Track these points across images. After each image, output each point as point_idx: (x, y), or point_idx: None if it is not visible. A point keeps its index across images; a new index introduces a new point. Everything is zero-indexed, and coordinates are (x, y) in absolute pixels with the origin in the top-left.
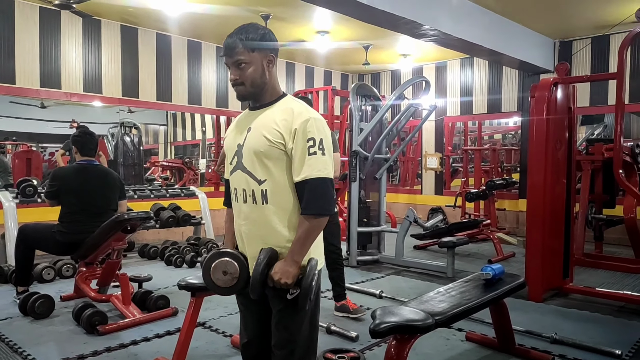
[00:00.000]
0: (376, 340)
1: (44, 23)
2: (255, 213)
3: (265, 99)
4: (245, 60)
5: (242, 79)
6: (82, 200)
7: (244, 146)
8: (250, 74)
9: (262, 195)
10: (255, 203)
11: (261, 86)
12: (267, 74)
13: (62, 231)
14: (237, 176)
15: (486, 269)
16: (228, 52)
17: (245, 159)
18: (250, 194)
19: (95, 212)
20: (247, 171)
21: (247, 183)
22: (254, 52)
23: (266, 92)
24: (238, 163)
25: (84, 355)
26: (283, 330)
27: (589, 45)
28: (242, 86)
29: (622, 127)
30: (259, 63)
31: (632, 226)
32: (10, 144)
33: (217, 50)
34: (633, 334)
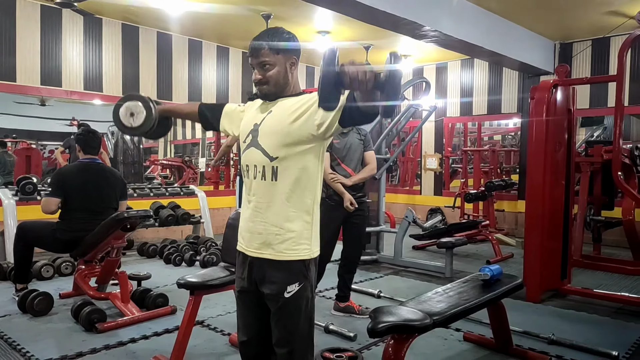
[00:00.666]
0: (374, 340)
1: (45, 21)
2: (264, 189)
3: (286, 94)
4: (269, 61)
5: (266, 79)
6: (83, 199)
7: (261, 125)
8: (274, 75)
9: (272, 172)
10: (264, 179)
11: (283, 86)
12: (289, 75)
13: (62, 229)
14: (250, 153)
15: (484, 269)
16: (254, 53)
17: (261, 136)
18: (260, 169)
19: (96, 211)
20: (261, 147)
21: (259, 159)
22: (279, 55)
23: (287, 92)
24: (253, 140)
25: (83, 352)
26: (283, 329)
27: (589, 47)
28: (266, 85)
29: (621, 129)
30: (282, 65)
31: (631, 228)
32: (10, 142)
33: (218, 49)
34: (630, 336)
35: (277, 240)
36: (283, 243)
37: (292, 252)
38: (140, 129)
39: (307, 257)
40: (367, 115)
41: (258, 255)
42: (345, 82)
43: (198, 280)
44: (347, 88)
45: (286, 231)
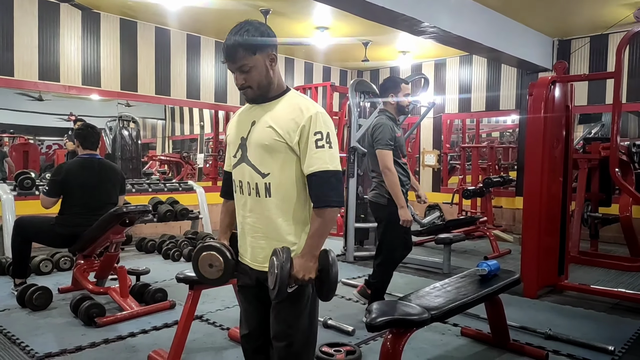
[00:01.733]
0: (372, 334)
1: (43, 16)
2: (259, 206)
3: (271, 95)
4: (248, 64)
5: (249, 83)
6: (83, 194)
7: (247, 139)
8: (256, 77)
9: (266, 189)
10: (258, 196)
11: (267, 86)
12: (271, 72)
13: (62, 223)
14: (241, 169)
15: (482, 265)
16: (230, 59)
17: (249, 152)
18: (254, 187)
19: (96, 206)
20: (251, 164)
21: (250, 176)
22: (256, 55)
23: (272, 90)
24: (242, 156)
25: (82, 346)
26: (282, 323)
27: (588, 44)
28: (250, 89)
29: (619, 126)
30: (262, 64)
31: (628, 225)
32: (8, 137)
33: (216, 44)
34: (626, 331)
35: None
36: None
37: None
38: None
39: None
40: None
41: (260, 269)
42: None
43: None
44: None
45: (288, 243)
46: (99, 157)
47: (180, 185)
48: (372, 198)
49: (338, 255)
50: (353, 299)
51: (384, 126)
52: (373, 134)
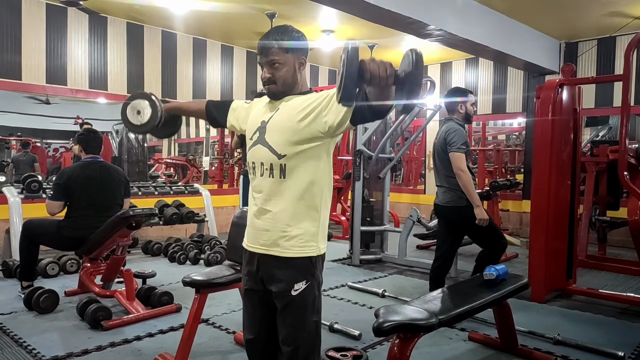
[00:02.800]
0: (379, 339)
1: (50, 20)
2: (271, 187)
3: (294, 93)
4: (279, 60)
5: (275, 78)
6: (89, 196)
7: (268, 123)
8: (283, 74)
9: (281, 170)
10: (272, 177)
11: (291, 86)
12: (298, 74)
13: (68, 226)
14: (257, 150)
15: (490, 269)
16: (263, 52)
17: (269, 134)
18: (268, 167)
19: (102, 207)
20: (268, 145)
21: (266, 157)
22: (288, 54)
23: (295, 91)
24: (259, 138)
25: (88, 350)
26: (290, 327)
27: (595, 47)
28: (274, 85)
29: (627, 129)
30: (291, 64)
31: (636, 228)
32: (15, 140)
33: (222, 48)
34: (636, 336)
35: (284, 238)
36: (290, 241)
37: (299, 250)
38: (147, 125)
39: (314, 254)
40: (379, 113)
41: (264, 252)
42: (365, 78)
43: (203, 279)
44: (368, 84)
45: (293, 228)
46: (101, 160)
47: (186, 188)
48: (450, 203)
49: (344, 259)
50: (360, 302)
51: (458, 130)
52: (447, 138)
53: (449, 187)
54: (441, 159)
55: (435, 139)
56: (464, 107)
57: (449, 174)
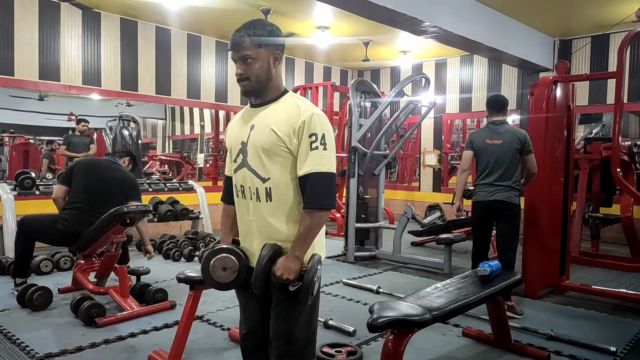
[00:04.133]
0: (373, 335)
1: (43, 15)
2: (260, 210)
3: (269, 96)
4: (251, 55)
5: (248, 74)
6: (86, 185)
7: (248, 143)
8: (256, 70)
9: (267, 193)
10: (259, 201)
11: (266, 82)
12: (272, 70)
13: (64, 219)
14: (242, 174)
15: (483, 265)
16: (235, 47)
17: (250, 156)
18: (254, 191)
19: (98, 202)
20: (252, 169)
21: (251, 181)
22: (261, 48)
23: (270, 88)
24: (243, 161)
25: (82, 347)
26: (282, 322)
27: (589, 44)
28: (248, 81)
29: (620, 126)
30: (265, 59)
31: (629, 225)
32: (8, 137)
33: (217, 44)
34: (628, 331)
35: (283, 252)
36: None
37: None
38: (234, 283)
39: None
40: None
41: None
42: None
43: (198, 275)
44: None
45: (290, 244)
46: (117, 162)
47: (180, 185)
48: (508, 199)
49: (338, 255)
50: (354, 299)
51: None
52: (526, 141)
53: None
54: (511, 158)
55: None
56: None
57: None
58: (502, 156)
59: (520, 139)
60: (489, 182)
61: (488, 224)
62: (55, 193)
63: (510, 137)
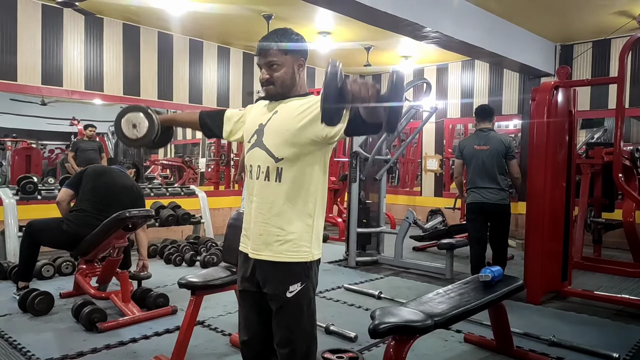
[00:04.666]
0: (375, 341)
1: (46, 20)
2: (266, 190)
3: (293, 95)
4: (277, 61)
5: (273, 79)
6: (93, 188)
7: (266, 125)
8: (281, 75)
9: (277, 173)
10: (267, 180)
11: (290, 87)
12: (297, 76)
13: (70, 220)
14: (254, 153)
15: (485, 271)
16: (262, 53)
17: (266, 137)
18: (264, 170)
19: (104, 205)
20: (266, 148)
21: (263, 160)
22: (287, 55)
23: (294, 93)
24: (257, 141)
25: (84, 352)
26: (284, 329)
27: (590, 49)
28: (272, 86)
29: (622, 131)
30: (290, 65)
31: (631, 230)
32: (10, 141)
33: (218, 49)
34: (631, 337)
35: (277, 242)
36: (283, 245)
37: (292, 254)
38: (144, 139)
39: (307, 259)
40: (371, 128)
41: (257, 256)
42: (347, 99)
43: (199, 280)
44: (350, 104)
45: (287, 232)
46: (123, 170)
47: (182, 190)
48: (502, 201)
49: (340, 260)
50: (356, 304)
51: (512, 142)
52: (509, 148)
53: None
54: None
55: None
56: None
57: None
58: (490, 161)
59: (505, 145)
60: (480, 186)
61: (482, 223)
62: (60, 196)
63: (495, 143)
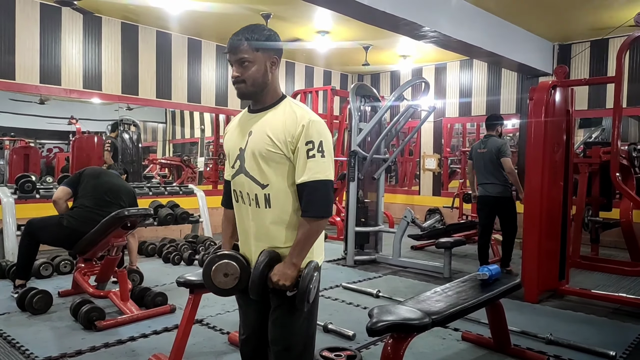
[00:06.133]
0: (373, 339)
1: (44, 19)
2: (258, 216)
3: (266, 101)
4: (248, 58)
5: (244, 77)
6: (94, 186)
7: (245, 150)
8: (253, 73)
9: (265, 200)
10: (258, 207)
11: (262, 86)
12: (269, 74)
13: (71, 216)
14: (240, 180)
15: (483, 269)
16: (232, 50)
17: (247, 163)
18: (253, 197)
19: (104, 202)
20: (250, 176)
21: (250, 187)
22: (258, 52)
23: (267, 93)
24: (241, 167)
25: (82, 350)
26: (280, 328)
27: (588, 48)
28: (243, 84)
29: (619, 131)
30: (262, 63)
31: (628, 229)
32: (9, 140)
33: (217, 48)
34: (628, 336)
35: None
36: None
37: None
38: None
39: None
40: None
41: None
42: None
43: (198, 279)
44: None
45: (289, 247)
46: (118, 174)
47: (180, 189)
48: (500, 194)
49: (338, 259)
50: (354, 303)
51: (506, 144)
52: (500, 149)
53: (498, 182)
54: (493, 162)
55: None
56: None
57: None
58: (487, 161)
59: (497, 147)
60: (483, 182)
61: (488, 213)
62: (57, 194)
63: (491, 146)
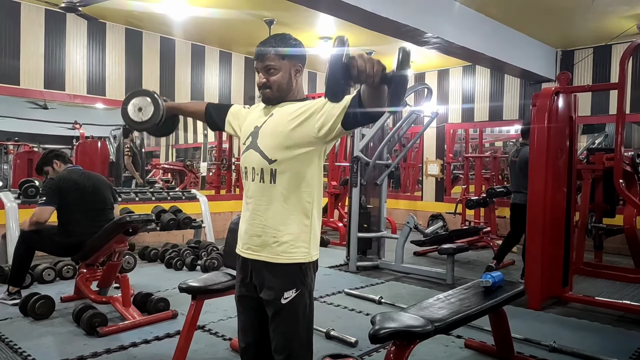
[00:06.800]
0: (375, 346)
1: (49, 25)
2: (261, 192)
3: (289, 99)
4: (274, 66)
5: (270, 83)
6: (81, 199)
7: (261, 128)
8: (278, 79)
9: (271, 175)
10: (262, 182)
11: (286, 92)
12: (293, 81)
13: (63, 232)
14: (249, 155)
15: (486, 276)
16: (260, 57)
17: (261, 139)
18: (259, 172)
19: (95, 210)
20: (259, 150)
21: (257, 162)
22: (284, 60)
23: (290, 97)
24: (252, 143)
25: (84, 356)
26: (280, 335)
27: (591, 55)
28: (269, 90)
29: (622, 137)
30: (287, 70)
31: (632, 236)
32: (12, 145)
33: (220, 54)
34: (632, 343)
35: (275, 243)
36: (281, 246)
37: (289, 255)
38: (149, 122)
39: (304, 260)
40: (371, 117)
41: (255, 257)
42: (353, 75)
43: (200, 285)
44: (355, 81)
45: (283, 234)
46: (80, 167)
47: (183, 194)
48: (522, 201)
49: (340, 265)
50: (356, 309)
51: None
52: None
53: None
54: (521, 170)
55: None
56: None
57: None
58: (518, 170)
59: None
60: (515, 190)
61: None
62: (43, 216)
63: (522, 155)
